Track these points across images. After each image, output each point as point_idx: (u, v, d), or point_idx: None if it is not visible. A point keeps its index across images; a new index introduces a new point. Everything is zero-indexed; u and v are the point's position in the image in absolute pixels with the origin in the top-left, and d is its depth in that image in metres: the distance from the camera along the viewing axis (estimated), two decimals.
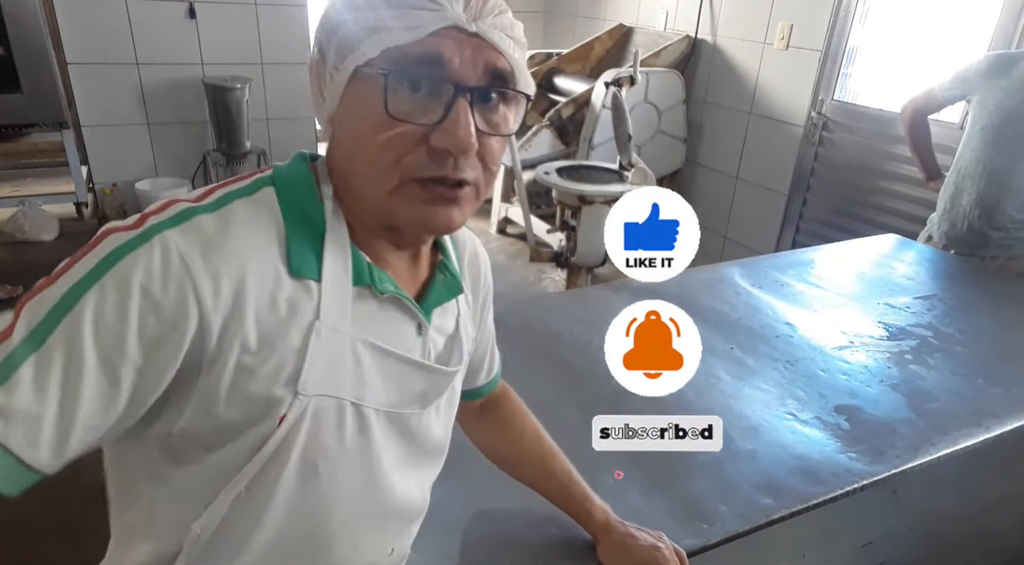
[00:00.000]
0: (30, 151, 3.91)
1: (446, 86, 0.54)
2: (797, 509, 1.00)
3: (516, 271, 3.87)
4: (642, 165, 3.08)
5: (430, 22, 0.53)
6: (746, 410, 1.23)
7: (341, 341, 0.59)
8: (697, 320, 1.47)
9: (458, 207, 0.59)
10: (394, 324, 0.64)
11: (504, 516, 0.96)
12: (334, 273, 0.59)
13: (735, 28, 3.53)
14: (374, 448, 0.65)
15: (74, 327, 0.47)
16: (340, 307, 0.59)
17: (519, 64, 0.58)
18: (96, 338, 0.48)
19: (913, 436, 1.18)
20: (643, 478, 1.05)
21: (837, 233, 3.01)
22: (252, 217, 0.56)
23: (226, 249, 0.53)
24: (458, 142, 0.55)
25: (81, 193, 3.79)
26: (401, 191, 0.57)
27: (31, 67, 3.37)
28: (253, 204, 0.57)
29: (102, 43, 3.81)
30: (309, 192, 0.60)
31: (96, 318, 0.48)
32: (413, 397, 0.68)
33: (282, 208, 0.58)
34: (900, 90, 2.86)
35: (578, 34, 4.64)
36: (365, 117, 0.56)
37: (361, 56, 0.54)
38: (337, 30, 0.56)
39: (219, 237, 0.53)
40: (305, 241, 0.58)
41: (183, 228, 0.52)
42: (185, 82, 4.02)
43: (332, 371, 0.59)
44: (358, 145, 0.57)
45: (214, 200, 0.56)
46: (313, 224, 0.59)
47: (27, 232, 3.65)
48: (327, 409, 0.59)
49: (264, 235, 0.56)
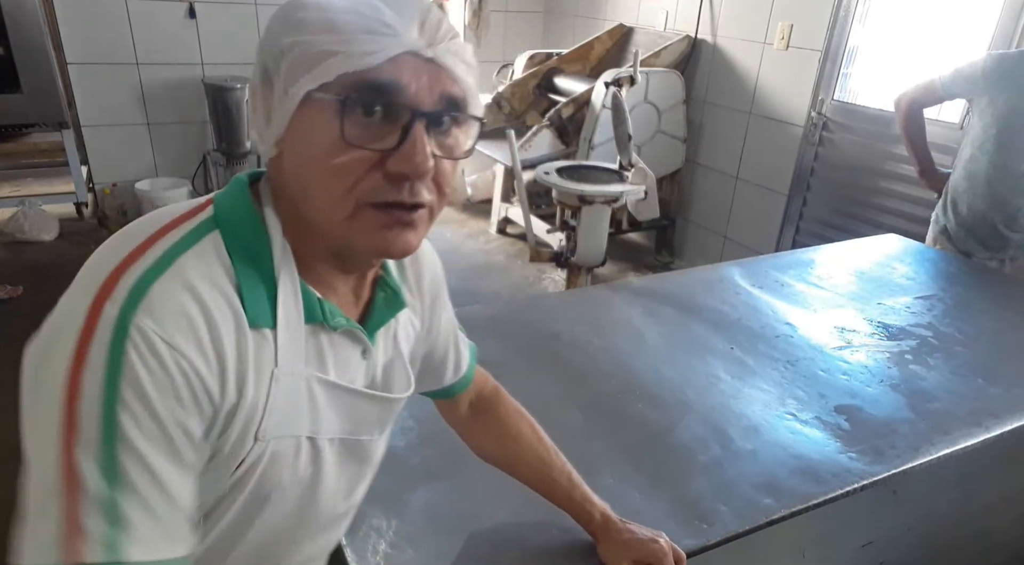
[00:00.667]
0: (30, 151, 3.91)
1: (404, 112, 0.54)
2: (797, 509, 1.00)
3: (516, 271, 3.87)
4: (642, 165, 3.08)
5: (387, 48, 0.53)
6: (746, 410, 1.23)
7: (296, 382, 0.59)
8: (697, 320, 1.47)
9: (414, 230, 0.58)
10: (341, 352, 0.64)
11: (503, 517, 0.96)
12: (287, 317, 0.58)
13: (735, 28, 3.53)
14: (323, 473, 0.66)
15: (132, 450, 0.49)
16: (295, 349, 0.59)
17: (471, 88, 0.59)
18: (153, 448, 0.50)
19: (913, 436, 1.18)
20: (643, 478, 1.05)
21: (837, 233, 3.01)
22: (205, 274, 0.54)
23: (195, 318, 0.52)
24: (415, 167, 0.55)
25: (81, 193, 3.80)
26: (357, 217, 0.56)
27: (31, 67, 3.38)
28: (200, 257, 0.55)
29: (102, 43, 3.81)
30: (254, 230, 0.58)
31: (143, 433, 0.49)
32: (367, 424, 0.69)
33: (230, 255, 0.56)
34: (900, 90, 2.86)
35: (578, 34, 4.64)
36: (318, 142, 0.54)
37: (314, 80, 0.53)
38: (287, 52, 0.54)
39: (185, 306, 0.52)
40: (257, 287, 0.57)
41: (146, 308, 0.50)
42: (185, 82, 4.02)
43: (289, 412, 0.59)
44: (311, 170, 0.56)
45: (159, 259, 0.53)
46: (262, 266, 0.58)
47: (27, 232, 3.65)
48: (284, 449, 0.60)
49: (219, 291, 0.55)
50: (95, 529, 0.46)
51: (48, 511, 0.46)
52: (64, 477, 0.47)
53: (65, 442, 0.47)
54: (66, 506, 0.46)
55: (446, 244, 4.17)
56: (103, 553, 0.46)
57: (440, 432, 1.11)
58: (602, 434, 1.15)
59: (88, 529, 0.46)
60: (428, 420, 1.15)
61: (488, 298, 3.48)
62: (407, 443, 1.10)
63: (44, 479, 0.47)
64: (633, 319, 1.55)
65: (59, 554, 0.45)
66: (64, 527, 0.46)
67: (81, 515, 0.46)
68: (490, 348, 1.39)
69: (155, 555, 0.48)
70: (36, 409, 0.49)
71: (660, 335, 1.48)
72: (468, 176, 4.82)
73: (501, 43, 4.97)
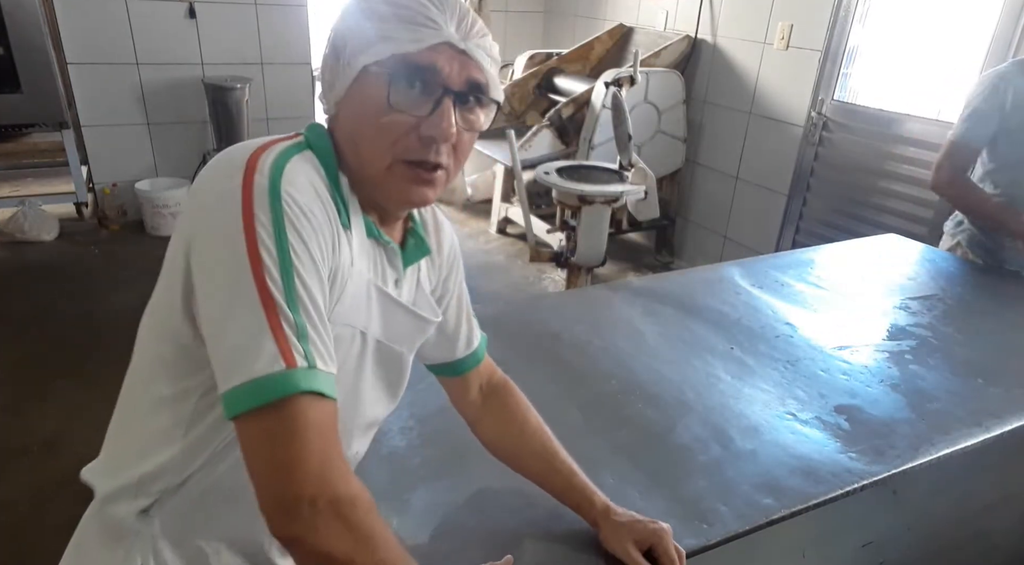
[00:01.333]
0: (30, 151, 3.92)
1: (437, 88, 0.68)
2: (797, 509, 1.00)
3: (516, 271, 3.87)
4: (642, 165, 3.08)
5: (430, 38, 0.67)
6: (746, 410, 1.23)
7: (362, 282, 0.72)
8: (697, 320, 1.47)
9: (432, 187, 0.72)
10: (385, 274, 0.78)
11: (503, 517, 0.96)
12: (356, 226, 0.72)
13: (735, 28, 3.53)
14: (365, 368, 0.78)
15: (302, 282, 0.62)
16: (362, 255, 0.72)
17: (493, 78, 0.73)
18: (312, 282, 0.63)
19: (913, 436, 1.18)
20: (643, 478, 1.05)
21: (837, 233, 3.01)
22: (313, 171, 0.68)
23: (320, 195, 0.66)
24: (443, 131, 0.68)
25: (81, 193, 3.80)
26: (392, 169, 0.70)
27: (31, 67, 3.38)
28: (306, 161, 0.68)
29: (102, 43, 3.81)
30: (333, 160, 0.72)
31: (305, 270, 0.62)
32: (401, 336, 0.81)
33: (323, 167, 0.70)
34: (900, 90, 2.86)
35: (578, 34, 4.64)
36: (370, 104, 0.69)
37: (372, 56, 0.67)
38: (355, 32, 0.69)
39: (313, 184, 0.66)
40: (339, 197, 0.70)
41: (288, 180, 0.63)
42: (185, 82, 4.02)
43: (354, 306, 0.72)
44: (362, 126, 0.70)
45: (282, 153, 0.66)
46: (338, 185, 0.71)
47: (27, 232, 3.65)
48: (343, 334, 0.72)
49: (323, 187, 0.68)
50: (295, 343, 0.60)
51: (262, 333, 0.59)
52: (263, 304, 0.60)
53: (258, 277, 0.60)
54: (272, 326, 0.59)
55: None
56: (303, 360, 0.60)
57: (440, 432, 1.12)
58: (602, 434, 1.15)
59: (292, 343, 0.60)
60: (428, 420, 1.15)
61: (488, 298, 3.48)
62: (407, 443, 1.10)
63: (249, 314, 0.59)
64: (633, 319, 1.55)
65: (282, 362, 0.59)
66: (277, 342, 0.59)
67: (283, 331, 0.59)
68: (490, 348, 1.39)
69: (326, 368, 0.62)
70: (222, 257, 0.61)
71: (660, 335, 1.48)
72: (468, 176, 4.81)
73: (501, 43, 4.88)
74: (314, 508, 0.58)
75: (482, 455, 0.96)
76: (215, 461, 0.71)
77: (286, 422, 0.59)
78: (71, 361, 2.63)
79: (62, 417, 2.34)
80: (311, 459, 0.59)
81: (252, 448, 0.60)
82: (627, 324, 1.53)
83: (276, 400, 0.58)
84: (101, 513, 0.76)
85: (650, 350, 1.42)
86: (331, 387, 0.62)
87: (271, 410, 0.58)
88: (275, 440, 0.59)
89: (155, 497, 0.72)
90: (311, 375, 0.60)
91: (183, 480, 0.72)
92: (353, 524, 0.61)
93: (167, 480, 0.72)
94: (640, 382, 1.30)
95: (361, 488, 0.63)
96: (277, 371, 0.58)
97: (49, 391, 2.48)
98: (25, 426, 2.32)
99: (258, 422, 0.59)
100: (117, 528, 0.74)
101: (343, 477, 0.61)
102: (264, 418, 0.59)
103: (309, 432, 0.59)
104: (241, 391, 0.58)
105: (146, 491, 0.72)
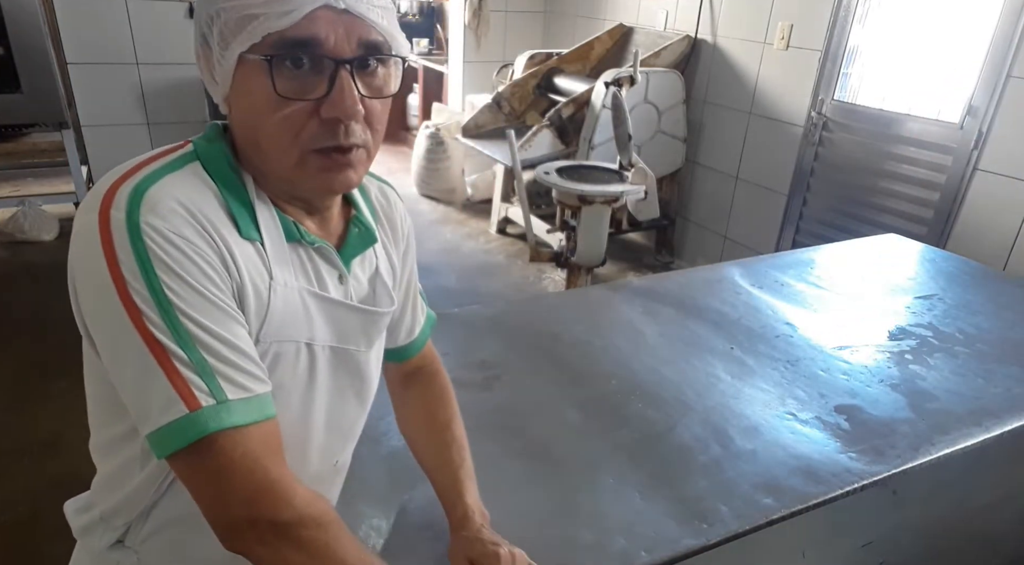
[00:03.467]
0: (30, 151, 3.91)
1: (327, 62, 0.60)
2: (797, 509, 1.00)
3: (516, 271, 3.87)
4: (642, 165, 3.08)
5: (302, 5, 0.57)
6: (746, 410, 1.23)
7: (291, 293, 0.67)
8: (697, 320, 1.47)
9: (353, 169, 0.65)
10: (321, 275, 0.71)
11: (502, 518, 0.96)
12: (269, 234, 0.65)
13: (735, 28, 3.53)
14: (318, 378, 0.73)
15: (187, 316, 0.57)
16: (283, 263, 0.66)
17: (389, 31, 0.63)
18: (200, 311, 0.58)
19: (913, 436, 1.18)
20: (643, 478, 1.05)
21: (837, 233, 3.01)
22: (194, 187, 0.61)
23: (194, 214, 0.59)
24: (345, 110, 0.61)
25: (81, 193, 3.79)
26: (303, 163, 0.63)
27: (31, 67, 3.37)
28: (186, 178, 0.62)
29: (102, 43, 3.81)
30: (231, 164, 0.66)
31: (187, 302, 0.58)
32: (354, 335, 0.75)
33: (213, 180, 0.64)
34: (900, 90, 2.86)
35: (578, 34, 4.63)
36: (258, 97, 0.61)
37: (243, 43, 0.59)
38: (216, 19, 0.60)
39: (183, 205, 0.59)
40: (240, 207, 0.64)
41: (147, 209, 0.57)
42: (185, 82, 4.02)
43: (288, 320, 0.67)
44: (256, 124, 0.62)
45: (148, 176, 0.60)
46: (240, 193, 0.65)
47: (27, 232, 3.65)
48: (286, 351, 0.68)
49: (209, 203, 0.61)
50: (195, 382, 0.57)
51: (155, 380, 0.56)
52: (151, 350, 0.56)
53: (137, 324, 0.56)
54: (166, 370, 0.56)
55: (446, 244, 4.17)
56: (207, 399, 0.57)
57: None
58: (602, 434, 1.15)
59: (191, 382, 0.56)
60: None
61: (488, 298, 3.48)
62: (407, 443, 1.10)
63: (139, 362, 0.56)
64: (633, 319, 1.55)
65: (183, 406, 0.56)
66: (174, 387, 0.56)
67: (180, 374, 0.56)
68: (490, 348, 1.40)
69: (246, 393, 0.59)
70: (99, 307, 0.58)
71: (660, 335, 1.48)
72: (468, 176, 4.81)
73: (501, 43, 4.97)
74: (255, 530, 0.59)
75: (481, 455, 0.95)
76: (176, 491, 0.69)
77: (206, 461, 0.57)
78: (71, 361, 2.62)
79: (62, 417, 2.34)
80: (242, 490, 0.58)
81: (187, 483, 0.60)
82: (627, 324, 1.53)
83: (190, 444, 0.57)
84: (81, 547, 0.76)
85: (650, 350, 1.42)
86: (254, 412, 0.60)
87: (189, 451, 0.57)
88: (203, 477, 0.59)
89: (122, 529, 0.72)
90: (221, 411, 0.57)
91: (145, 511, 0.71)
92: (302, 543, 0.60)
93: (128, 512, 0.71)
94: (640, 382, 1.30)
95: (309, 503, 0.61)
96: (179, 417, 0.56)
97: (49, 391, 2.48)
98: (25, 426, 2.32)
99: (184, 463, 0.58)
100: (103, 560, 0.74)
101: (282, 499, 0.59)
102: (187, 459, 0.58)
103: (235, 466, 0.58)
104: (155, 437, 0.57)
105: (111, 525, 0.72)
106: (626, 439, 1.14)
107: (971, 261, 2.05)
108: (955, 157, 2.59)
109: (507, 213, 4.27)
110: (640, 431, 1.16)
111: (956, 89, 2.63)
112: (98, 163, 4.03)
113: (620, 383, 1.30)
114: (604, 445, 1.12)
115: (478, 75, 4.96)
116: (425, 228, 4.37)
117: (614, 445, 1.12)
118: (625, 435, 1.15)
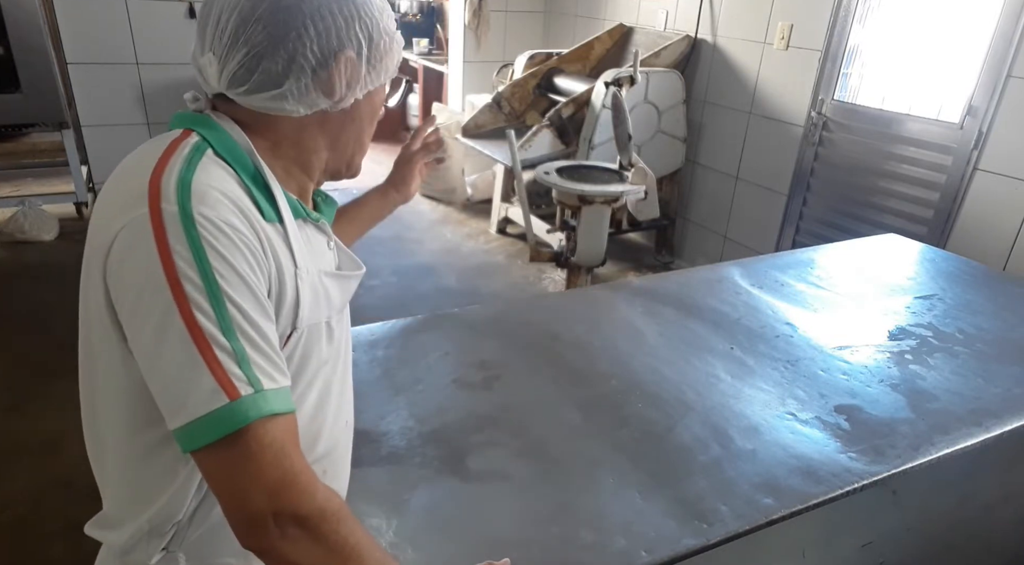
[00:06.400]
0: (30, 151, 3.91)
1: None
2: (797, 509, 1.00)
3: (516, 271, 3.87)
4: (642, 165, 3.08)
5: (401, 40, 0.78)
6: (746, 410, 1.23)
7: (313, 279, 0.73)
8: (697, 320, 1.48)
9: None
10: (318, 244, 0.78)
11: (502, 517, 0.96)
12: (285, 213, 0.70)
13: (735, 28, 3.53)
14: (341, 346, 0.81)
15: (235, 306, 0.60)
16: (298, 243, 0.71)
17: None
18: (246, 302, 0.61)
19: (913, 436, 1.18)
20: (643, 478, 1.05)
21: (837, 233, 3.01)
22: (221, 176, 0.65)
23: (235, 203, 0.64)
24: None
25: (81, 193, 3.79)
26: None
27: (31, 67, 3.37)
28: (209, 167, 0.65)
29: (102, 43, 3.81)
30: (243, 152, 0.69)
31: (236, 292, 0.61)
32: (345, 298, 0.82)
33: (230, 164, 0.67)
34: (900, 90, 2.86)
35: (578, 34, 4.63)
36: (376, 109, 0.79)
37: (396, 62, 0.77)
38: (392, 45, 0.75)
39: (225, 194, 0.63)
40: (258, 189, 0.68)
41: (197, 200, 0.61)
42: (185, 82, 4.02)
43: (314, 303, 0.72)
44: (362, 128, 0.78)
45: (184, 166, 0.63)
46: (255, 176, 0.69)
47: (27, 232, 3.65)
48: (314, 334, 0.73)
49: (236, 189, 0.65)
50: (235, 371, 0.59)
51: (196, 370, 0.58)
52: (196, 342, 0.58)
53: (187, 317, 0.58)
54: (208, 362, 0.58)
55: (446, 244, 4.17)
56: (247, 388, 0.59)
57: (440, 432, 1.12)
58: (602, 434, 1.15)
59: (231, 372, 0.59)
60: (428, 420, 1.15)
61: (488, 298, 3.48)
62: (407, 443, 1.10)
63: (181, 352, 0.58)
64: (633, 319, 1.55)
65: (224, 396, 0.58)
66: (216, 376, 0.58)
67: (221, 364, 0.59)
68: (490, 348, 1.40)
69: (276, 384, 0.62)
70: (145, 300, 0.59)
71: (660, 335, 1.48)
72: (468, 176, 4.81)
73: (501, 43, 4.97)
74: (278, 523, 0.59)
75: (482, 455, 0.96)
76: None
77: (240, 451, 0.59)
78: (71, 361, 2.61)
79: (62, 417, 2.33)
80: (269, 481, 0.60)
81: (212, 477, 0.61)
82: (627, 324, 1.53)
83: (226, 435, 0.58)
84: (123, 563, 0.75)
85: (650, 350, 1.42)
86: (284, 403, 0.62)
87: (223, 443, 0.59)
88: (232, 469, 0.60)
89: (170, 534, 0.72)
90: (259, 400, 0.60)
91: (192, 510, 0.71)
92: (321, 537, 0.61)
93: (176, 514, 0.71)
94: (640, 382, 1.30)
95: (328, 499, 0.63)
96: (220, 406, 0.58)
97: (49, 391, 2.48)
98: (25, 426, 2.31)
99: (214, 455, 0.60)
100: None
101: (306, 492, 0.61)
102: (218, 451, 0.59)
103: (265, 455, 0.60)
104: (189, 429, 0.58)
105: (159, 531, 0.71)
106: (626, 439, 1.14)
107: (971, 261, 2.05)
108: (955, 157, 2.59)
109: (507, 213, 4.27)
110: (640, 431, 1.16)
111: (956, 89, 2.63)
112: (98, 163, 4.03)
113: (620, 383, 1.30)
114: (604, 445, 1.12)
115: (478, 75, 4.96)
116: (425, 228, 4.37)
117: (614, 445, 1.12)
118: (625, 435, 1.15)
